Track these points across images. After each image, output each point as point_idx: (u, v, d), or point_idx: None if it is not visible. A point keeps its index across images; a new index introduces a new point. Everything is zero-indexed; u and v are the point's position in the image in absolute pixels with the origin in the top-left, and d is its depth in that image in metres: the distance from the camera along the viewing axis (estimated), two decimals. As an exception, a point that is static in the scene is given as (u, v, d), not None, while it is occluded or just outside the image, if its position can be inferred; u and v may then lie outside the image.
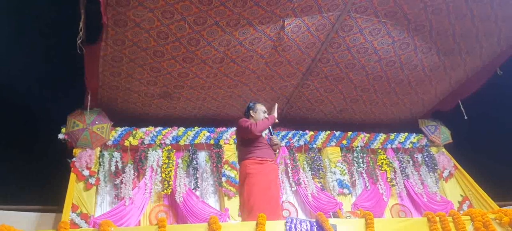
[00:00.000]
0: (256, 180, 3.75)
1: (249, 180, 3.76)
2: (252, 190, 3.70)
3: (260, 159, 3.89)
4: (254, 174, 3.78)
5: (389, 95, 7.12)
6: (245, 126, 3.87)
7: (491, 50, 6.29)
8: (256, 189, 3.70)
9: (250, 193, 3.68)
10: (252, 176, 3.76)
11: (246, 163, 3.88)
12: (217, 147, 6.60)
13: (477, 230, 3.20)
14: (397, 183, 6.92)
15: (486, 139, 7.27)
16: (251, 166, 3.84)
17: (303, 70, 6.41)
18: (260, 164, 3.86)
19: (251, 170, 3.81)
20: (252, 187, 3.71)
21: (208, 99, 6.73)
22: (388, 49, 6.07)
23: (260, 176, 3.79)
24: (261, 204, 3.56)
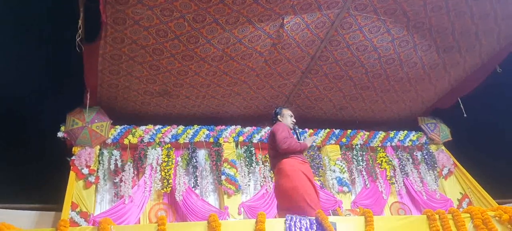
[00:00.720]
0: (304, 179, 4.03)
1: (298, 177, 4.02)
2: (301, 187, 3.93)
3: (300, 159, 4.21)
4: (301, 173, 4.06)
5: (389, 93, 7.12)
6: (279, 138, 4.14)
7: (490, 48, 6.28)
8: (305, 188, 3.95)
9: (298, 189, 3.90)
10: (300, 175, 4.03)
11: (292, 162, 4.13)
12: (216, 145, 6.60)
13: (476, 227, 3.21)
14: (397, 181, 6.93)
15: (486, 137, 7.28)
16: (298, 165, 4.12)
17: (303, 68, 6.40)
18: (302, 164, 4.17)
19: (298, 168, 4.09)
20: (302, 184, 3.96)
21: (207, 97, 6.72)
22: (387, 47, 6.06)
23: (307, 172, 4.13)
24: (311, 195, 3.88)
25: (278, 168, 4.16)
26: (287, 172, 4.03)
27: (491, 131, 7.33)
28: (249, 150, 6.68)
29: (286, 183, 3.97)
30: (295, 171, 4.01)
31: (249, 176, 6.48)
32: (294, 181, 3.94)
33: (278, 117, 4.55)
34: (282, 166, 4.10)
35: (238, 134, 6.80)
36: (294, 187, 3.90)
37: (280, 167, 4.12)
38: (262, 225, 3.08)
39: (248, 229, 3.13)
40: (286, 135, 4.23)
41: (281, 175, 4.06)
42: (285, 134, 4.21)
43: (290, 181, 3.95)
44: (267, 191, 6.31)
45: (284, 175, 4.02)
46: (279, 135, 4.13)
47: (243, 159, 6.58)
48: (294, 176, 3.97)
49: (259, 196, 6.27)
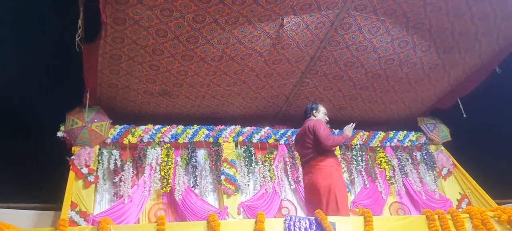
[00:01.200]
0: (340, 178, 4.20)
1: (336, 177, 4.14)
2: (339, 186, 4.07)
3: (337, 161, 4.33)
4: (338, 172, 4.22)
5: (388, 93, 7.12)
6: (323, 135, 4.17)
7: (490, 49, 6.29)
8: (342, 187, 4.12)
9: (337, 189, 4.01)
10: (337, 174, 4.19)
11: (331, 161, 4.24)
12: (216, 145, 6.60)
13: (475, 227, 3.21)
14: (396, 181, 6.93)
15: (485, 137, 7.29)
16: (335, 165, 4.25)
17: (302, 68, 6.40)
18: (338, 166, 4.31)
19: (336, 168, 4.22)
20: (341, 186, 4.09)
21: (207, 97, 6.72)
22: (387, 47, 6.06)
23: (341, 176, 4.32)
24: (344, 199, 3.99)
25: (314, 164, 4.17)
26: (324, 171, 4.07)
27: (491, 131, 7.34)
28: (248, 150, 6.68)
29: (321, 182, 4.01)
30: (332, 170, 4.08)
31: (248, 176, 6.48)
32: (331, 182, 3.99)
33: (313, 112, 4.59)
34: (320, 163, 4.13)
35: (238, 133, 6.80)
36: (328, 186, 3.96)
37: (317, 164, 4.14)
38: (261, 225, 3.08)
39: (248, 229, 3.13)
40: (328, 132, 4.29)
41: (318, 173, 4.09)
42: (327, 131, 4.28)
43: (327, 181, 4.00)
44: (266, 191, 6.31)
45: (322, 174, 4.06)
46: (322, 132, 4.15)
47: (242, 159, 6.58)
48: (330, 175, 4.03)
49: (259, 196, 6.27)
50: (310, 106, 4.64)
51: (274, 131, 7.02)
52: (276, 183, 6.44)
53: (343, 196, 3.99)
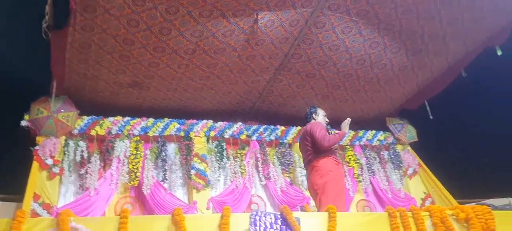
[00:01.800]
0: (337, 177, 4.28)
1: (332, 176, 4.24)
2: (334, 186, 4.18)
3: (336, 160, 4.44)
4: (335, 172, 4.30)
5: (359, 93, 7.24)
6: (319, 136, 4.30)
7: (457, 52, 6.48)
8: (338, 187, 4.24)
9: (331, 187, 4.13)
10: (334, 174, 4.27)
11: (328, 161, 4.34)
12: (187, 139, 6.54)
13: (435, 225, 3.32)
14: (364, 179, 7.07)
15: (450, 139, 7.54)
16: (332, 166, 4.33)
17: (276, 65, 6.42)
18: (337, 164, 4.41)
19: (332, 168, 4.31)
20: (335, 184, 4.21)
21: (179, 91, 6.65)
22: (359, 48, 6.16)
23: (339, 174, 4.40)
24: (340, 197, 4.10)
25: (312, 165, 4.32)
26: (322, 171, 4.20)
27: (455, 133, 7.59)
28: (220, 145, 6.65)
29: (317, 180, 4.18)
30: (328, 169, 4.21)
31: (219, 171, 6.46)
32: (325, 179, 4.13)
33: (313, 116, 4.80)
34: (317, 164, 4.27)
35: (210, 128, 6.76)
36: (323, 184, 4.09)
37: (315, 165, 4.29)
38: (227, 219, 3.08)
39: (213, 223, 3.12)
40: (325, 132, 4.46)
41: (316, 174, 4.24)
42: (324, 132, 4.44)
43: (321, 178, 4.15)
44: (237, 187, 6.31)
45: (319, 174, 4.20)
46: (318, 134, 4.30)
47: (214, 154, 6.55)
48: (326, 174, 4.17)
49: (229, 191, 6.26)
50: (309, 111, 4.83)
51: (247, 127, 7.02)
52: (247, 178, 6.45)
53: (338, 194, 4.11)
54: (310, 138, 4.42)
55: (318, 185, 4.16)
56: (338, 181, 4.30)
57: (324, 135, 4.34)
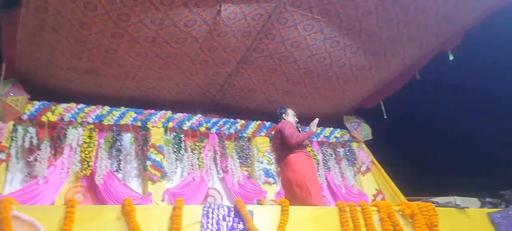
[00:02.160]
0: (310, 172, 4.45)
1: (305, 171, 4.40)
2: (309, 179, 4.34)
3: (306, 154, 4.60)
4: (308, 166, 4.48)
5: (318, 90, 7.37)
6: (287, 134, 4.48)
7: (412, 55, 6.73)
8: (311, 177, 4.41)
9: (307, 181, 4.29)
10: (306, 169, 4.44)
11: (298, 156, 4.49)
12: (144, 129, 6.40)
13: (382, 220, 3.45)
14: (319, 174, 7.21)
15: (402, 138, 7.83)
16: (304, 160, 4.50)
17: (238, 58, 6.40)
18: (307, 159, 4.57)
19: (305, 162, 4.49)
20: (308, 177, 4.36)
21: (137, 79, 6.48)
22: (319, 46, 6.25)
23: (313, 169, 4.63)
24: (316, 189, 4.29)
25: (284, 162, 4.46)
26: (293, 167, 4.36)
27: (407, 133, 7.90)
28: (178, 137, 6.57)
29: (292, 177, 4.31)
30: (301, 166, 4.36)
31: (176, 163, 6.38)
32: (300, 176, 4.28)
33: (282, 116, 4.97)
34: (289, 160, 4.41)
35: (168, 119, 6.65)
36: (300, 181, 4.24)
37: (287, 162, 4.43)
38: (179, 211, 3.04)
39: (165, 214, 3.07)
40: (293, 130, 4.60)
41: (288, 170, 4.39)
42: (292, 130, 4.58)
43: (296, 175, 4.29)
44: (193, 179, 6.26)
45: (291, 169, 4.35)
46: (287, 131, 4.46)
47: (171, 145, 6.45)
48: (300, 170, 4.32)
49: (185, 184, 6.20)
50: (279, 111, 5.01)
51: (206, 119, 6.97)
52: (204, 171, 6.40)
53: (315, 186, 4.32)
54: (279, 135, 4.59)
55: (293, 180, 4.31)
56: (314, 174, 4.53)
57: (292, 133, 4.50)
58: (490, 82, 8.15)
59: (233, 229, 3.14)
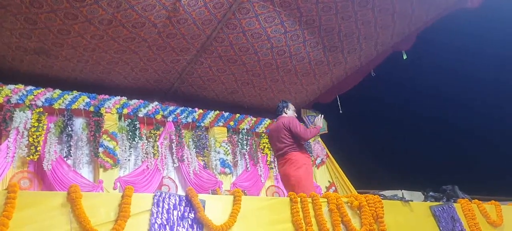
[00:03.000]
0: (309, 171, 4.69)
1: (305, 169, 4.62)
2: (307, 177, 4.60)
3: (307, 154, 4.81)
4: (308, 165, 4.69)
5: (278, 82, 7.43)
6: (299, 130, 4.64)
7: (368, 53, 6.94)
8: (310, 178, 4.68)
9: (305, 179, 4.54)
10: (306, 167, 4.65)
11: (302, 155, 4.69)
12: (97, 115, 6.18)
13: (331, 211, 3.54)
14: (275, 166, 7.28)
15: (356, 133, 8.09)
16: (305, 159, 4.70)
17: (197, 46, 6.32)
18: (308, 157, 4.79)
19: (305, 161, 4.68)
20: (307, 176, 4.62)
21: (91, 63, 6.25)
22: (280, 38, 6.30)
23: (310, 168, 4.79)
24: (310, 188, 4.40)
25: (287, 157, 4.61)
26: (295, 163, 4.53)
27: (361, 128, 8.16)
28: (133, 124, 6.40)
29: (292, 172, 4.50)
30: (302, 163, 4.55)
31: (130, 151, 6.22)
32: (300, 173, 4.47)
33: (285, 110, 5.06)
34: (293, 157, 4.58)
35: (123, 105, 6.46)
36: (298, 176, 4.44)
37: (290, 158, 4.59)
38: (128, 199, 2.95)
39: (113, 202, 2.98)
40: (303, 126, 4.87)
41: (289, 164, 4.56)
42: (303, 126, 4.85)
43: (296, 170, 4.48)
44: (148, 168, 6.13)
45: (293, 165, 4.53)
46: (300, 128, 4.65)
47: (125, 132, 6.27)
48: (300, 167, 4.51)
49: (139, 172, 6.07)
50: (281, 105, 5.10)
51: (163, 107, 6.83)
52: (159, 160, 6.29)
53: (310, 187, 4.47)
54: (288, 132, 4.66)
55: (293, 176, 4.48)
56: (310, 175, 4.74)
57: (305, 129, 4.70)
58: (437, 82, 8.61)
59: (184, 218, 3.10)
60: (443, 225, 4.10)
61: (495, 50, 8.46)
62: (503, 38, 8.24)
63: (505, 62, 8.70)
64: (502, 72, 8.94)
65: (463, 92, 9.23)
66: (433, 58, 8.33)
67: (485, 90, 9.24)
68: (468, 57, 8.52)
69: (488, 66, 8.81)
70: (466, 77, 8.81)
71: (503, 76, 9.00)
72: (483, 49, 8.54)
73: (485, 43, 8.38)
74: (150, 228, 2.96)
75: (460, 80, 8.85)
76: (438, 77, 8.99)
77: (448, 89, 9.07)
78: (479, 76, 8.85)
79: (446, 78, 8.98)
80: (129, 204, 2.96)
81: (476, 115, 9.53)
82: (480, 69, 8.77)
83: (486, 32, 8.17)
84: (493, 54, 8.56)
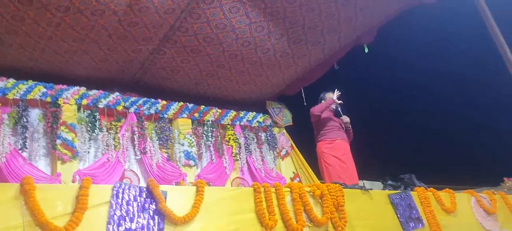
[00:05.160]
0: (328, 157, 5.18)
1: (324, 158, 5.20)
2: (327, 167, 5.11)
3: (330, 139, 5.34)
4: (326, 152, 5.19)
5: (243, 74, 7.41)
6: (311, 111, 5.54)
7: (332, 46, 7.04)
8: (331, 165, 5.13)
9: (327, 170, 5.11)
10: (325, 156, 5.18)
11: (319, 145, 5.36)
12: (54, 105, 5.91)
13: (293, 200, 3.59)
14: (241, 158, 7.30)
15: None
16: (323, 147, 5.27)
17: (160, 36, 6.18)
18: (330, 143, 5.26)
19: (324, 149, 5.23)
20: (327, 166, 5.12)
21: (48, 51, 5.97)
22: (244, 30, 6.26)
23: (332, 153, 5.25)
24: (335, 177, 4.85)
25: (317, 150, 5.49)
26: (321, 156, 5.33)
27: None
28: (93, 115, 6.18)
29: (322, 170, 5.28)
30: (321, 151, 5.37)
31: (89, 143, 6.01)
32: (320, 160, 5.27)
33: (321, 101, 5.89)
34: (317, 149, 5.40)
35: (82, 96, 6.22)
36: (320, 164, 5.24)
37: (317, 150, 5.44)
38: (85, 191, 2.86)
39: (70, 194, 2.88)
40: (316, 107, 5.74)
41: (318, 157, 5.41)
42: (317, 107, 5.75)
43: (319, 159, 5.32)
44: (108, 160, 5.95)
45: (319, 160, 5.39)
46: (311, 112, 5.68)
47: (84, 124, 6.06)
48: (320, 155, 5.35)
49: (99, 165, 5.88)
50: (319, 99, 5.93)
51: (124, 98, 6.64)
52: (121, 152, 6.13)
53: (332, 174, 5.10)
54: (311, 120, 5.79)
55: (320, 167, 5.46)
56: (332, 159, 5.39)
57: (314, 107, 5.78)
58: (397, 75, 8.91)
59: (144, 209, 3.04)
60: (400, 212, 4.25)
61: (450, 44, 8.86)
62: (459, 32, 8.62)
63: (461, 56, 9.13)
64: (457, 66, 9.38)
65: (421, 85, 9.60)
66: (393, 51, 8.59)
67: (442, 83, 9.66)
68: (427, 50, 8.87)
69: (444, 60, 9.21)
70: (424, 70, 9.17)
71: (457, 69, 9.45)
72: (440, 44, 8.91)
73: (441, 39, 8.75)
74: (109, 220, 2.88)
75: (419, 74, 9.20)
76: (397, 70, 9.30)
77: (407, 82, 9.41)
78: (436, 70, 9.23)
79: (405, 71, 9.30)
80: (87, 195, 2.88)
81: (434, 107, 9.96)
82: (437, 63, 9.15)
83: (443, 28, 8.52)
84: (449, 48, 8.95)
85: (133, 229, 2.93)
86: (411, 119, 10.18)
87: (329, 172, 5.23)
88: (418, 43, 8.81)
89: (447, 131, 10.39)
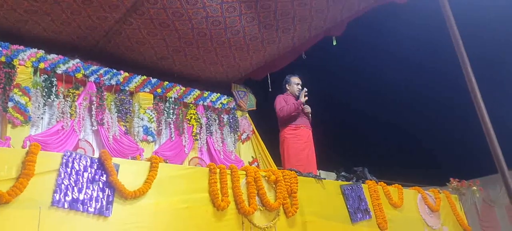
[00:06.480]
0: (291, 143, 5.19)
1: (285, 144, 5.20)
2: (288, 152, 5.12)
3: (295, 126, 5.34)
4: (289, 138, 5.18)
5: (210, 54, 7.32)
6: (277, 109, 5.43)
7: (301, 35, 7.07)
8: (292, 151, 5.15)
9: (287, 155, 5.12)
10: (288, 140, 5.17)
11: (283, 131, 5.39)
12: (8, 66, 5.62)
13: (248, 184, 3.61)
14: (201, 138, 7.25)
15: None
16: (286, 133, 5.29)
17: (128, 5, 5.96)
18: (295, 130, 5.26)
19: (287, 135, 5.22)
20: (288, 150, 5.12)
21: (5, 8, 5.64)
22: (216, 8, 6.16)
23: (294, 139, 5.25)
24: (295, 162, 4.94)
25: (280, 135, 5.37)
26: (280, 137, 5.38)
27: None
28: (49, 80, 5.93)
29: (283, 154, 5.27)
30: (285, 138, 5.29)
31: (44, 109, 5.77)
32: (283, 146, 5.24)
33: (286, 86, 5.69)
34: (280, 135, 5.35)
35: (40, 59, 5.95)
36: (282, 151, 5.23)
37: (279, 136, 5.36)
38: (33, 157, 2.75)
39: (16, 158, 2.76)
40: (283, 105, 5.41)
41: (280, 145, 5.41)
42: (281, 104, 5.42)
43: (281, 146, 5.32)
44: (63, 128, 5.75)
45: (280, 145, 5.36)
46: (276, 107, 5.35)
47: (40, 88, 5.81)
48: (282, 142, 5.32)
49: (53, 132, 5.67)
50: (284, 81, 5.71)
51: (85, 66, 6.41)
52: (76, 121, 5.93)
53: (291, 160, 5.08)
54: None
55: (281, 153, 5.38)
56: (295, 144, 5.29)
57: (280, 108, 5.43)
58: (362, 70, 9.10)
59: (94, 181, 2.96)
60: (350, 203, 4.38)
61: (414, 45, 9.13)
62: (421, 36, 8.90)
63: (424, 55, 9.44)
64: (420, 65, 9.71)
65: (383, 84, 9.87)
66: (359, 46, 8.75)
67: (403, 83, 9.98)
68: (390, 48, 9.12)
69: (409, 59, 9.50)
70: (387, 68, 9.43)
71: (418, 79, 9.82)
72: (405, 43, 9.18)
73: (404, 40, 9.02)
74: (56, 188, 2.80)
75: (382, 72, 9.45)
76: (363, 67, 9.51)
77: (371, 79, 9.64)
78: (399, 68, 9.52)
79: (369, 69, 9.53)
80: (34, 162, 2.78)
81: (395, 107, 10.29)
82: (400, 61, 9.44)
83: (410, 28, 8.76)
84: (412, 48, 9.24)
85: (81, 200, 2.86)
86: (371, 116, 10.49)
87: (289, 158, 5.26)
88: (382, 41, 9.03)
89: (406, 130, 10.81)
